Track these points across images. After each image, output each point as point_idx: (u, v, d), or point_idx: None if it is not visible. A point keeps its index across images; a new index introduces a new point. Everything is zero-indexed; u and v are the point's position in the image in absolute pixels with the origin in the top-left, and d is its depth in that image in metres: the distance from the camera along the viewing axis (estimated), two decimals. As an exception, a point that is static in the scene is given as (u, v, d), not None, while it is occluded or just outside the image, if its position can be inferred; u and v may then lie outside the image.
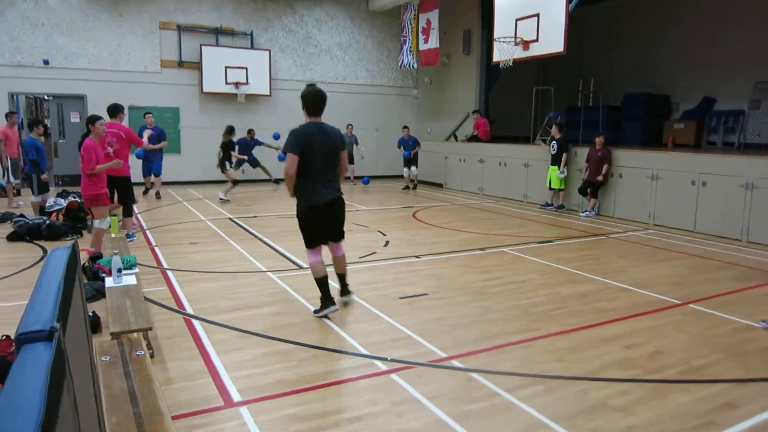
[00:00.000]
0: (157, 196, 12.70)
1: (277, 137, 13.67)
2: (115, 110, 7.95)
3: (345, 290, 5.33)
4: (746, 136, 12.38)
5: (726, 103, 13.23)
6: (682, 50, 14.17)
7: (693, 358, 4.18)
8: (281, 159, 12.61)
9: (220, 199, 12.31)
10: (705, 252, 8.05)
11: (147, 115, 12.31)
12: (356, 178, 16.51)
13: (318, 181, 4.83)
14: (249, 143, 14.29)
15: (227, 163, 12.73)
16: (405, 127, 15.65)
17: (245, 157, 14.12)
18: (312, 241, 5.04)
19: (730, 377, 3.89)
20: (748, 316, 5.19)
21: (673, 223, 9.81)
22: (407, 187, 15.40)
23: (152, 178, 12.86)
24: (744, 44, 12.58)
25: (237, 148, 13.50)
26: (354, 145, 15.61)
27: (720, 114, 13.06)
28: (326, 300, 4.98)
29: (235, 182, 12.71)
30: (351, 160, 15.38)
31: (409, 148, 15.10)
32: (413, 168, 15.21)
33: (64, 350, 0.95)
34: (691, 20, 13.87)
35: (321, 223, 4.98)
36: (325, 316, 4.92)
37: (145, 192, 12.90)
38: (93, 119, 6.77)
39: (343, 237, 5.21)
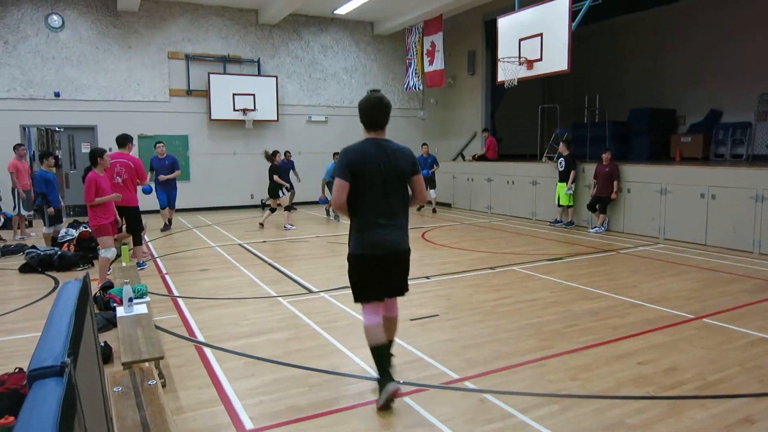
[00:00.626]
0: (166, 227, 11.95)
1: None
2: (124, 140, 8.02)
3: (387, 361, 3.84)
4: (754, 147, 12.33)
5: (732, 115, 13.20)
6: (687, 64, 14.21)
7: (708, 373, 4.13)
8: (323, 201, 12.27)
9: (286, 228, 11.79)
10: (717, 265, 7.98)
11: (158, 145, 12.06)
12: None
13: (375, 218, 3.64)
14: (286, 166, 13.87)
15: (281, 191, 12.22)
16: (424, 144, 15.22)
17: (287, 184, 12.96)
18: (364, 296, 3.83)
19: (747, 392, 3.83)
20: (762, 329, 5.12)
21: (684, 237, 9.74)
22: (422, 206, 14.78)
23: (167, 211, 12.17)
24: (749, 57, 12.60)
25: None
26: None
27: (727, 126, 13.03)
28: (383, 377, 3.69)
29: (289, 208, 12.23)
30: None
31: (427, 167, 14.25)
32: (431, 191, 14.36)
33: (75, 385, 0.96)
34: (695, 35, 13.93)
35: (377, 275, 3.76)
36: (388, 403, 3.65)
37: (164, 228, 11.93)
38: (100, 152, 6.83)
39: (403, 292, 3.99)
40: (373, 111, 3.71)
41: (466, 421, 3.47)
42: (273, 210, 12.49)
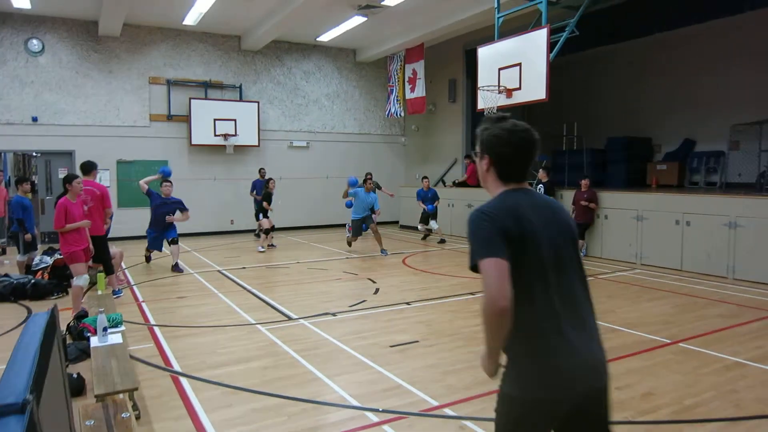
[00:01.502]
0: (175, 268, 10.13)
1: (353, 183, 12.34)
2: (89, 168, 7.78)
3: None
4: (727, 176, 12.60)
5: (706, 144, 13.51)
6: (662, 95, 14.54)
7: (685, 397, 4.16)
8: (362, 228, 11.90)
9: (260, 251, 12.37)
10: (692, 290, 8.08)
11: (165, 184, 10.14)
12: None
13: (552, 321, 2.04)
14: (259, 184, 14.04)
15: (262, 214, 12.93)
16: (425, 177, 14.69)
17: (270, 208, 13.09)
18: None
19: (722, 416, 3.86)
20: (737, 353, 5.19)
21: (660, 263, 9.87)
22: (426, 236, 14.26)
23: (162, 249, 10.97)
24: (721, 88, 12.93)
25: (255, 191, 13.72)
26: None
27: (701, 155, 13.32)
28: None
29: (268, 230, 12.77)
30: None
31: (429, 201, 13.91)
32: (433, 222, 13.90)
33: (37, 422, 0.95)
34: (670, 66, 14.28)
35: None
36: None
37: (148, 260, 10.77)
38: (70, 178, 6.75)
39: None
40: (524, 151, 2.22)
41: (445, 450, 3.44)
42: (265, 231, 12.78)
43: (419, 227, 14.33)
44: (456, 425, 3.79)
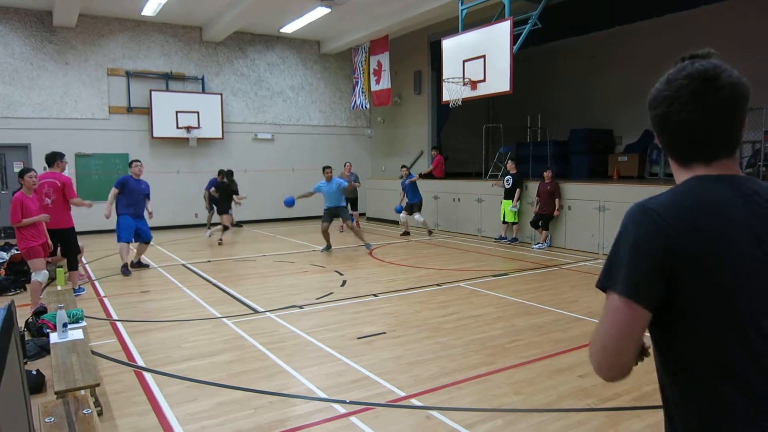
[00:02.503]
0: (139, 264, 9.72)
1: (289, 203, 10.92)
2: (52, 158, 7.58)
3: None
4: (687, 166, 12.95)
5: (665, 135, 13.86)
6: (623, 87, 14.83)
7: (644, 384, 4.27)
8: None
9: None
10: (653, 278, 8.30)
11: (135, 164, 9.65)
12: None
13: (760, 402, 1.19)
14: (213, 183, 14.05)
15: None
16: (403, 166, 14.20)
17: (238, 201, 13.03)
18: None
19: (681, 401, 3.99)
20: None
21: (622, 252, 10.10)
22: (407, 233, 13.70)
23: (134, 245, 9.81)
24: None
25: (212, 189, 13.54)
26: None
27: (660, 147, 13.66)
28: None
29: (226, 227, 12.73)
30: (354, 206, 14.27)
31: (409, 189, 13.34)
32: (417, 215, 13.23)
33: (-7, 418, 0.92)
34: (630, 58, 14.57)
35: None
36: None
37: (126, 271, 9.14)
38: (23, 172, 6.55)
39: None
40: (691, 114, 1.30)
41: (413, 439, 3.48)
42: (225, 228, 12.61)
43: (401, 218, 13.65)
44: (422, 415, 3.83)
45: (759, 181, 1.33)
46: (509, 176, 11.98)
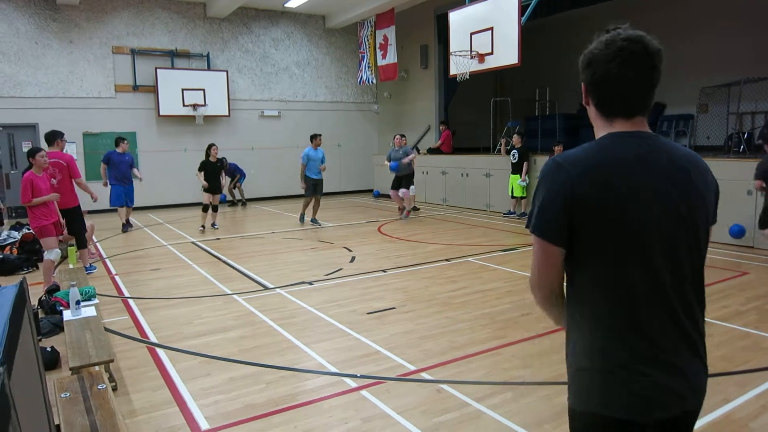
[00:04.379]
0: (125, 227, 11.32)
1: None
2: (52, 137, 7.46)
3: None
4: (696, 139, 12.80)
5: (675, 107, 13.66)
6: (631, 57, 14.61)
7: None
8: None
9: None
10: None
11: (123, 142, 11.36)
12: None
13: (643, 335, 1.50)
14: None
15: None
16: (398, 135, 12.24)
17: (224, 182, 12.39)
18: None
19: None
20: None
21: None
22: (416, 208, 12.98)
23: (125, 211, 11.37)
24: (691, 52, 13.05)
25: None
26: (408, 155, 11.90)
27: (671, 118, 13.48)
28: None
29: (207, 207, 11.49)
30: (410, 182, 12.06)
31: (397, 160, 11.81)
32: (406, 189, 11.92)
33: (9, 395, 0.93)
34: (642, 29, 14.25)
35: None
36: None
37: (124, 228, 11.29)
38: (33, 152, 6.55)
39: None
40: (628, 71, 1.55)
41: (423, 411, 3.51)
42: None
43: (393, 193, 12.31)
44: (433, 389, 3.86)
45: (668, 141, 1.62)
46: (515, 150, 11.90)
